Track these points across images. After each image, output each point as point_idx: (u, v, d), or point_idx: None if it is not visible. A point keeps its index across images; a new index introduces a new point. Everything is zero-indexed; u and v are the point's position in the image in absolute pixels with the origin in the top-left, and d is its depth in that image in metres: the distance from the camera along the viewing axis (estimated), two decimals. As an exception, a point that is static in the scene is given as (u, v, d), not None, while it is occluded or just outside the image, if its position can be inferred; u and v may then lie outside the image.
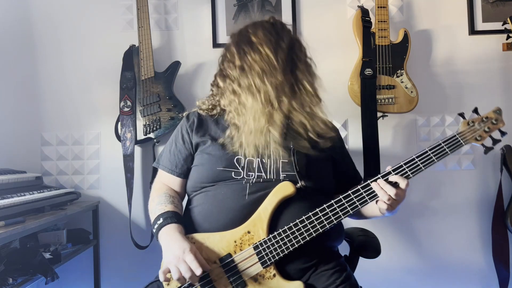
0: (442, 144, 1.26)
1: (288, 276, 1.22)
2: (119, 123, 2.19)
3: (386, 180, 1.22)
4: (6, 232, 1.41)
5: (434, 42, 2.31)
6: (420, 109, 2.23)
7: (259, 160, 1.30)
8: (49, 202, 1.88)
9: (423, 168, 1.24)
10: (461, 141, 1.28)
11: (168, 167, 1.41)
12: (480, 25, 2.31)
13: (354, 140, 2.27)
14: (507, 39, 2.20)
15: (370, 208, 1.31)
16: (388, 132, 2.28)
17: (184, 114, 1.49)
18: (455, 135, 1.28)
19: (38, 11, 2.33)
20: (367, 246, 1.52)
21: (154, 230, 1.28)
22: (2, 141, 2.27)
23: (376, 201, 1.23)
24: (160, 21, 2.33)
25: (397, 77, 2.14)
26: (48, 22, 2.33)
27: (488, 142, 1.32)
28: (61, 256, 1.84)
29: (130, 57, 2.22)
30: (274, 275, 1.20)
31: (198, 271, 1.13)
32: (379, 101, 2.12)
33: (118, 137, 2.20)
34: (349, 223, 2.15)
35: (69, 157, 2.30)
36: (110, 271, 2.27)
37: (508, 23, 2.18)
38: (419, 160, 1.24)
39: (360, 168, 1.74)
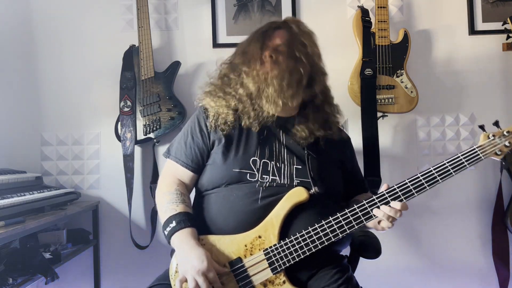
0: (461, 157, 1.24)
1: (295, 280, 1.22)
2: (119, 123, 2.19)
3: (390, 203, 1.23)
4: (6, 232, 1.41)
5: (434, 42, 2.31)
6: (420, 109, 2.23)
7: (274, 163, 1.30)
8: (49, 202, 1.87)
9: (440, 180, 1.23)
10: (481, 155, 1.25)
11: (184, 160, 1.37)
12: (480, 25, 2.31)
13: (354, 140, 2.23)
14: (507, 39, 2.20)
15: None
16: (388, 132, 2.28)
17: (200, 104, 1.43)
18: (474, 149, 1.25)
19: (38, 11, 2.32)
20: (368, 246, 1.52)
21: (165, 233, 1.26)
22: (2, 141, 2.27)
23: (379, 222, 1.25)
24: (160, 21, 2.33)
25: (397, 77, 2.14)
26: (48, 22, 2.32)
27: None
28: (61, 256, 1.84)
29: (130, 57, 2.22)
30: (283, 282, 1.19)
31: (218, 286, 1.15)
32: (379, 101, 2.12)
33: (118, 137, 2.20)
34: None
35: (69, 157, 2.30)
36: (110, 271, 2.27)
37: (508, 23, 2.18)
38: (436, 172, 1.23)
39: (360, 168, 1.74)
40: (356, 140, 2.24)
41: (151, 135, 2.18)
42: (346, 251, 1.53)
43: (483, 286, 2.26)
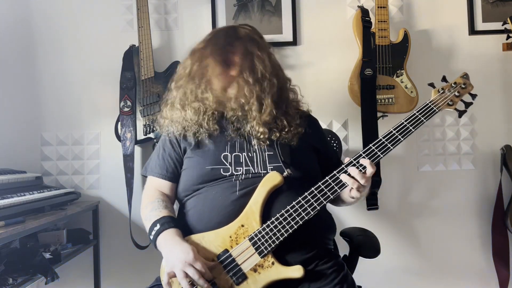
0: (417, 114, 1.32)
1: (286, 263, 1.22)
2: (119, 123, 2.19)
3: (359, 165, 1.23)
4: (6, 232, 1.41)
5: (434, 42, 2.31)
6: (420, 109, 2.23)
7: (245, 154, 1.32)
8: (49, 202, 1.88)
9: (401, 139, 1.28)
10: (435, 108, 1.33)
11: (159, 172, 1.41)
12: (480, 25, 2.31)
13: (354, 140, 2.27)
14: (507, 39, 2.20)
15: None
16: (388, 132, 2.28)
17: (162, 130, 1.48)
18: (427, 103, 1.34)
19: (38, 11, 2.33)
20: (367, 245, 1.53)
21: (151, 237, 1.28)
22: (2, 141, 2.27)
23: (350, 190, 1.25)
24: (160, 21, 2.33)
25: (397, 77, 2.14)
26: (48, 22, 2.33)
27: (460, 106, 1.39)
28: (61, 256, 1.84)
29: (130, 57, 2.22)
30: (272, 263, 1.20)
31: (208, 276, 1.16)
32: (379, 101, 2.12)
33: (118, 137, 2.20)
34: (348, 223, 2.16)
35: (69, 157, 2.30)
36: (110, 271, 2.27)
37: (508, 23, 2.18)
38: (397, 132, 1.29)
39: (335, 150, 1.74)
40: (356, 140, 2.25)
41: (151, 135, 2.18)
42: (345, 251, 1.54)
43: (483, 286, 2.26)
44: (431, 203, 2.28)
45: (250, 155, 1.33)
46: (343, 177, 1.22)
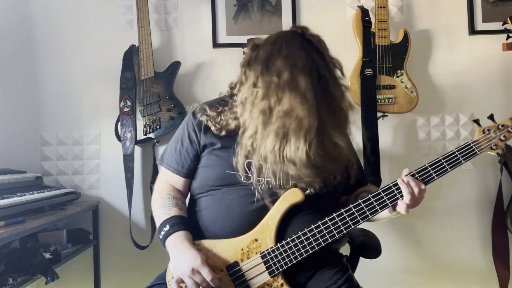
0: (456, 153, 1.22)
1: (294, 281, 1.21)
2: (119, 123, 2.19)
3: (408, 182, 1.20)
4: (6, 232, 1.41)
5: (434, 42, 2.31)
6: (420, 109, 2.22)
7: (269, 165, 1.25)
8: (49, 202, 1.88)
9: (436, 177, 1.22)
10: (476, 150, 1.23)
11: (174, 167, 1.36)
12: (480, 25, 2.31)
13: (354, 140, 2.25)
14: (507, 39, 2.20)
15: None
16: (388, 132, 2.28)
17: (190, 109, 1.41)
18: (469, 144, 1.24)
19: (38, 11, 2.33)
20: (368, 246, 1.52)
21: (160, 237, 1.25)
22: (2, 141, 2.27)
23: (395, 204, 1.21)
24: (160, 21, 2.33)
25: (397, 77, 2.14)
26: (48, 22, 2.32)
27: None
28: (61, 256, 1.84)
29: (130, 57, 2.22)
30: (281, 285, 1.18)
31: (216, 283, 1.14)
32: (379, 101, 2.12)
33: (118, 137, 2.20)
34: (349, 223, 2.15)
35: (69, 157, 2.30)
36: (110, 271, 2.27)
37: (508, 23, 2.18)
38: (432, 169, 1.22)
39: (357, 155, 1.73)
40: (356, 140, 2.24)
41: (151, 135, 2.18)
42: (346, 251, 1.53)
43: (483, 286, 2.26)
44: (431, 203, 2.28)
45: (275, 166, 1.24)
46: (399, 181, 1.19)
